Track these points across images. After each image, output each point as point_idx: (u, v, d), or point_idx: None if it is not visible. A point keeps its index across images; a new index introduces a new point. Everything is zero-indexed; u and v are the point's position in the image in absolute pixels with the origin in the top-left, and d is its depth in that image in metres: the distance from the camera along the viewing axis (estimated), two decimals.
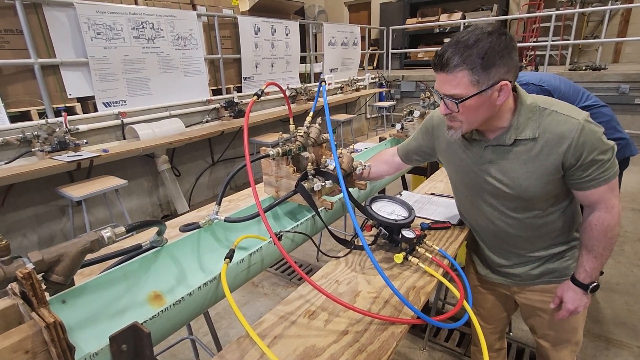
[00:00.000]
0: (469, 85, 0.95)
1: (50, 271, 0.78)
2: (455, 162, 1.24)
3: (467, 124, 1.05)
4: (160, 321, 0.81)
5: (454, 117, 1.04)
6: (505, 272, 1.31)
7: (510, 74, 0.97)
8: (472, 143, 1.15)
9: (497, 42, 0.93)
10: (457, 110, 1.00)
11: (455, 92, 0.97)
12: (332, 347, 0.85)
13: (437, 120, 1.28)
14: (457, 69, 0.95)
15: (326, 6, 10.35)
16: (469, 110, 1.00)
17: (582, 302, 1.15)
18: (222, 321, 2.42)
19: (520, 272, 1.27)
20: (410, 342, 2.18)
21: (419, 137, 1.38)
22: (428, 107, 2.35)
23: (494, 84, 0.95)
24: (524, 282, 1.29)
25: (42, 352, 0.62)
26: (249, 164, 1.10)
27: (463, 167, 1.21)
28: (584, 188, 1.05)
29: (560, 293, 1.19)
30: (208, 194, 4.61)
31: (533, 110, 1.05)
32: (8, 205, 2.95)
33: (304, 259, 3.16)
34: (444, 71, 0.98)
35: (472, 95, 0.96)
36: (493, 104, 1.00)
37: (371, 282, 1.09)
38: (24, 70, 3.03)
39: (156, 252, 1.06)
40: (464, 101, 0.97)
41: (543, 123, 1.03)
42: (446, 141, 1.24)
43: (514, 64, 0.97)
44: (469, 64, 0.93)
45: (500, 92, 0.98)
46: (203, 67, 4.27)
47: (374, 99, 7.47)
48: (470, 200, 1.26)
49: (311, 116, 1.35)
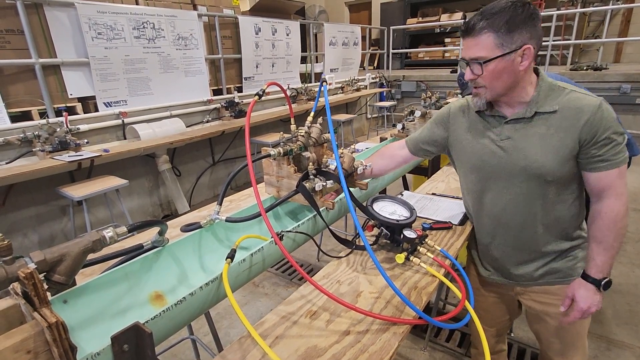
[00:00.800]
0: (493, 48, 1.01)
1: (52, 271, 0.78)
2: (471, 146, 1.23)
3: (491, 89, 1.08)
4: (161, 321, 0.81)
5: (478, 82, 1.09)
6: (508, 272, 1.30)
7: (533, 41, 1.02)
8: (491, 122, 1.18)
9: (521, 9, 0.99)
10: (481, 73, 1.05)
11: (479, 55, 1.03)
12: (333, 348, 0.85)
13: (454, 109, 1.31)
14: (482, 32, 1.01)
15: (327, 6, 10.35)
16: (493, 74, 1.04)
17: (594, 301, 1.12)
18: (222, 321, 2.42)
19: (524, 272, 1.26)
20: (411, 343, 2.17)
21: (431, 128, 1.39)
22: (429, 107, 2.35)
23: (517, 48, 1.01)
24: (527, 282, 1.28)
25: (44, 352, 0.62)
26: (250, 164, 1.10)
27: (479, 149, 1.21)
28: (596, 169, 1.06)
29: (570, 292, 1.17)
30: (208, 194, 4.61)
31: (553, 88, 1.10)
32: (9, 205, 2.95)
33: (305, 259, 3.16)
34: (470, 35, 1.04)
35: (495, 57, 1.02)
36: (516, 70, 1.04)
37: (373, 282, 1.09)
38: (25, 70, 3.03)
39: (157, 252, 1.06)
40: (488, 63, 1.03)
41: (562, 99, 1.08)
42: (464, 126, 1.26)
43: (537, 32, 1.02)
44: (493, 27, 1.00)
45: (523, 57, 1.02)
46: (204, 67, 4.27)
47: (374, 99, 7.47)
48: (482, 188, 1.24)
49: (312, 116, 1.35)
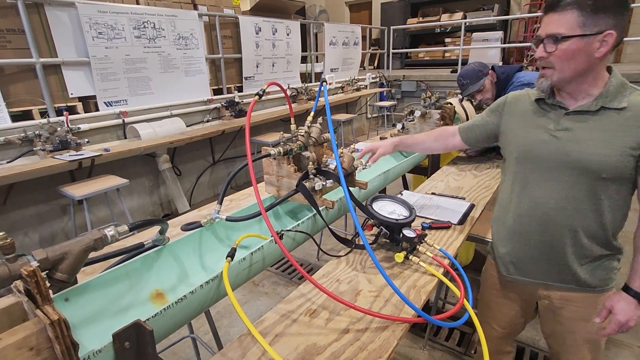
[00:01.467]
0: (575, 26, 0.98)
1: (54, 269, 0.78)
2: (523, 135, 1.20)
3: (560, 71, 1.05)
4: (162, 319, 0.82)
5: (548, 62, 1.05)
6: (537, 273, 1.24)
7: (617, 29, 0.98)
8: (549, 111, 1.15)
9: None
10: (554, 50, 1.02)
11: (558, 31, 1.00)
12: (333, 346, 0.85)
13: (511, 98, 1.30)
14: (567, 7, 0.98)
15: (327, 6, 10.35)
16: (566, 54, 1.01)
17: (634, 315, 1.08)
18: (222, 320, 2.42)
19: (554, 274, 1.21)
20: (411, 342, 2.18)
21: (485, 117, 1.39)
22: (429, 107, 2.35)
23: (598, 32, 0.97)
24: (554, 283, 1.23)
25: (46, 349, 0.63)
26: (250, 163, 1.10)
27: (530, 138, 1.17)
28: None
29: (609, 304, 1.13)
30: (209, 193, 4.62)
31: (624, 85, 1.06)
32: (10, 204, 2.96)
33: (304, 259, 3.16)
34: (553, 10, 1.01)
35: (573, 36, 0.98)
36: (591, 55, 1.00)
37: (372, 281, 1.09)
38: (25, 70, 3.04)
39: (158, 251, 1.06)
40: (564, 41, 0.99)
41: (633, 98, 1.04)
42: (518, 113, 1.24)
43: (623, 20, 0.98)
44: (579, 4, 0.96)
45: (602, 44, 0.99)
46: (204, 67, 4.28)
47: (374, 98, 7.47)
48: (527, 181, 1.19)
49: (312, 116, 1.35)
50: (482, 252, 3.03)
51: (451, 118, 2.40)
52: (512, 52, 8.39)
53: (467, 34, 7.85)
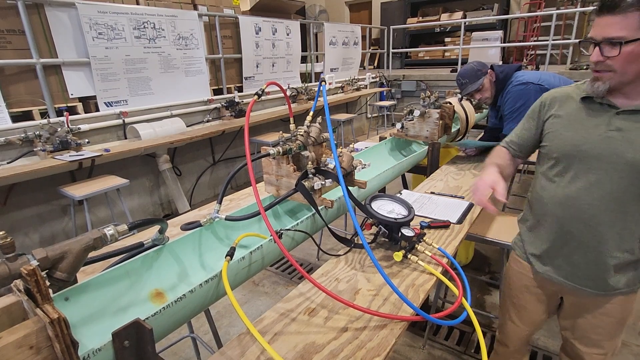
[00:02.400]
0: (637, 28, 0.93)
1: (54, 268, 0.79)
2: (570, 135, 1.16)
3: (621, 75, 1.00)
4: (162, 318, 0.82)
5: (607, 65, 1.00)
6: (569, 273, 1.22)
7: None
8: (598, 111, 1.10)
9: None
10: (616, 55, 0.96)
11: (619, 34, 0.94)
12: (331, 344, 0.86)
13: (549, 100, 1.25)
14: (629, 8, 0.92)
15: (327, 6, 10.36)
16: (629, 57, 0.96)
17: None
18: (222, 320, 2.43)
19: (589, 275, 1.19)
20: (410, 341, 2.18)
21: (526, 125, 1.32)
22: (428, 107, 2.35)
23: None
24: (586, 282, 1.21)
25: (46, 348, 0.63)
26: (249, 163, 1.11)
27: (578, 138, 1.13)
28: None
29: None
30: (209, 193, 4.62)
31: None
32: (10, 204, 2.96)
33: (304, 258, 3.17)
34: (612, 12, 0.95)
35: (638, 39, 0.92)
36: None
37: (371, 280, 1.10)
38: (26, 70, 3.05)
39: (158, 250, 1.07)
40: (630, 44, 0.93)
41: None
42: (563, 113, 1.19)
43: None
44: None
45: None
46: (204, 67, 4.28)
47: (374, 98, 7.47)
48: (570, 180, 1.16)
49: (311, 115, 1.36)
50: (482, 252, 3.04)
51: (450, 117, 2.40)
52: (512, 52, 8.39)
53: (467, 33, 7.84)
